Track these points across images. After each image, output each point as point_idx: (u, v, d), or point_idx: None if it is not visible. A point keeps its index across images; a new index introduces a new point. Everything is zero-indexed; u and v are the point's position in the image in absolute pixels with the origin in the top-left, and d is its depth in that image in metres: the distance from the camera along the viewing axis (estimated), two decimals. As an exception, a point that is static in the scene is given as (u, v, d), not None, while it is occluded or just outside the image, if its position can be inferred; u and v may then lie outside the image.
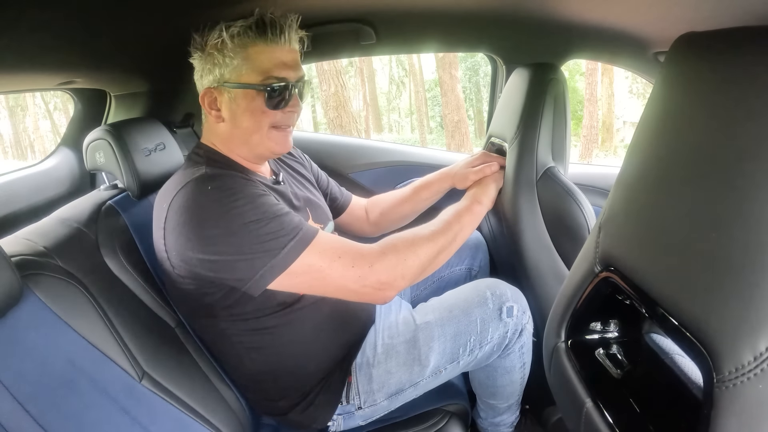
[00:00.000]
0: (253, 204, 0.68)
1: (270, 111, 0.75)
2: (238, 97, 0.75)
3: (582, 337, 0.58)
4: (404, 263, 0.75)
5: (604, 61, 1.25)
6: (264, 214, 0.68)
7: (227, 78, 0.74)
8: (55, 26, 0.67)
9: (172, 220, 0.69)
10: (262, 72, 0.73)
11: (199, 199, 0.68)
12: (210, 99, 0.77)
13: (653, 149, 0.47)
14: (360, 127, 10.19)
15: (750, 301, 0.33)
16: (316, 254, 0.69)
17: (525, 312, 0.88)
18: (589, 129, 8.83)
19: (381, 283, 0.73)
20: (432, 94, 12.78)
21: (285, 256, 0.67)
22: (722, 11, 0.61)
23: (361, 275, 0.71)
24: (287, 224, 0.69)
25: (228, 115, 0.77)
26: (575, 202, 0.89)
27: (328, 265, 0.70)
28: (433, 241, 0.80)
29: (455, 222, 0.85)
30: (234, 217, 0.66)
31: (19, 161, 13.78)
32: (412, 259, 0.76)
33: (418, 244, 0.78)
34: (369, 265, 0.72)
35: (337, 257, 0.71)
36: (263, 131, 0.77)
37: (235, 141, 0.79)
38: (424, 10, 1.01)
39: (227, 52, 0.72)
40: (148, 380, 0.69)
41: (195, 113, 1.30)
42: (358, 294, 0.73)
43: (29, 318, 0.59)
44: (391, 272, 0.73)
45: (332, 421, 0.85)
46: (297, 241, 0.68)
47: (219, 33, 0.72)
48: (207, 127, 0.82)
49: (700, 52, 0.43)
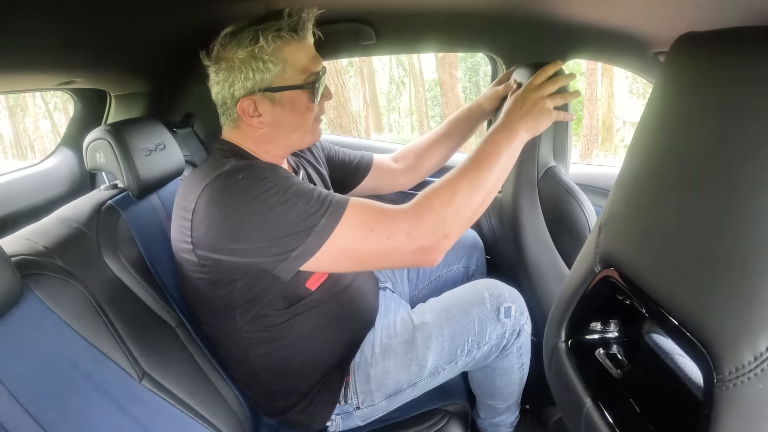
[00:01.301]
0: (281, 186, 0.67)
1: (313, 105, 0.77)
2: (284, 100, 0.74)
3: (582, 337, 0.58)
4: (444, 222, 0.70)
5: (604, 61, 1.25)
6: (293, 194, 0.67)
7: (270, 83, 0.72)
8: (55, 26, 0.67)
9: (202, 212, 0.68)
10: (303, 70, 0.73)
11: (230, 190, 0.67)
12: (249, 107, 0.74)
13: (653, 149, 0.47)
14: (360, 127, 10.19)
15: (750, 301, 0.33)
16: (347, 232, 0.67)
17: (523, 313, 0.88)
18: (589, 129, 8.82)
19: (423, 249, 0.69)
20: (432, 94, 12.78)
21: (317, 235, 0.66)
22: (722, 11, 0.61)
23: (398, 246, 0.68)
24: (316, 202, 0.67)
25: (272, 119, 0.75)
26: (576, 201, 0.89)
27: (362, 242, 0.68)
28: (473, 188, 0.72)
29: (494, 158, 0.75)
30: (264, 201, 0.66)
31: (19, 161, 13.78)
32: (452, 215, 0.70)
33: (456, 196, 0.71)
34: (405, 233, 0.68)
35: (369, 230, 0.68)
36: (308, 126, 0.78)
37: (276, 142, 0.79)
38: (424, 10, 1.01)
39: (267, 57, 0.70)
40: (148, 380, 0.69)
41: (195, 113, 1.30)
42: (402, 263, 0.71)
43: (29, 318, 0.59)
44: (431, 235, 0.69)
45: (331, 421, 0.85)
46: (328, 218, 0.66)
47: (254, 38, 0.69)
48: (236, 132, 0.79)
49: (700, 52, 0.43)
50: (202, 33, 0.82)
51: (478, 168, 0.74)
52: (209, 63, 0.74)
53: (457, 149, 1.13)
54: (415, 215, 0.69)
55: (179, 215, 0.73)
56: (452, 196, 0.71)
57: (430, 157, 1.11)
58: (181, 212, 0.72)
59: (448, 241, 0.71)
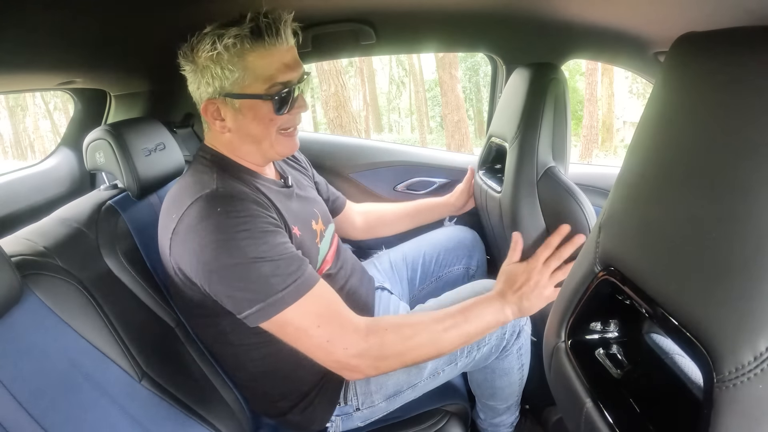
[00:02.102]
0: (255, 240, 0.66)
1: (278, 117, 0.74)
2: (244, 108, 0.72)
3: (582, 337, 0.58)
4: (383, 360, 0.71)
5: (604, 61, 1.25)
6: (263, 254, 0.66)
7: (229, 90, 0.71)
8: (55, 26, 0.67)
9: (180, 234, 0.68)
10: (266, 79, 0.71)
11: (205, 222, 0.66)
12: (213, 110, 0.74)
13: (653, 149, 0.47)
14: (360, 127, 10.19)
15: (750, 301, 0.33)
16: (298, 315, 0.67)
17: (523, 314, 0.88)
18: (589, 129, 8.82)
19: (350, 367, 0.70)
20: (432, 94, 12.78)
21: (270, 306, 0.66)
22: (722, 11, 0.61)
23: (332, 352, 0.69)
24: (284, 270, 0.66)
25: (234, 126, 0.75)
26: (576, 201, 0.89)
27: (305, 330, 0.68)
28: (430, 346, 0.73)
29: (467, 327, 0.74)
30: (234, 250, 0.65)
31: (19, 161, 13.78)
32: (395, 357, 0.71)
33: (410, 342, 0.71)
34: (344, 348, 0.68)
35: (316, 326, 0.68)
36: (272, 137, 0.76)
37: (243, 148, 0.78)
38: (424, 10, 1.01)
39: (225, 63, 0.69)
40: (148, 380, 0.69)
41: (195, 113, 1.30)
42: (324, 363, 0.71)
43: (29, 318, 0.59)
44: (365, 362, 0.70)
45: (331, 422, 0.85)
46: (288, 293, 0.66)
47: (212, 44, 0.68)
48: (210, 135, 0.80)
49: (700, 52, 0.43)
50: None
51: (448, 327, 0.73)
52: (183, 62, 0.74)
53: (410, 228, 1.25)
54: (363, 338, 0.69)
55: (163, 227, 0.73)
56: (407, 342, 0.71)
57: (387, 227, 1.22)
58: (163, 228, 0.72)
59: (374, 373, 0.72)
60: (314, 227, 0.87)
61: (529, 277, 0.79)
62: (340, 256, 0.96)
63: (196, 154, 0.81)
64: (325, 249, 0.90)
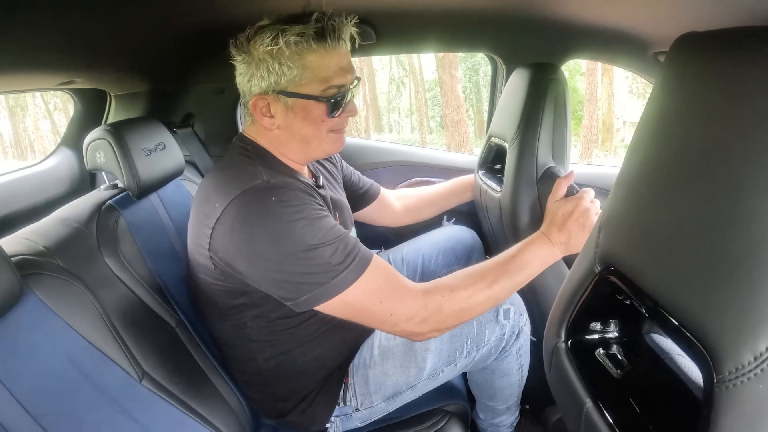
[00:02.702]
0: (312, 226, 0.66)
1: (329, 119, 0.74)
2: (297, 107, 0.72)
3: (582, 337, 0.58)
4: (442, 322, 0.72)
5: (604, 61, 1.25)
6: (322, 239, 0.66)
7: (284, 87, 0.70)
8: (55, 26, 0.67)
9: (226, 225, 0.66)
10: (323, 81, 0.70)
11: (260, 213, 0.65)
12: (262, 106, 0.72)
13: (653, 149, 0.47)
14: (360, 127, 10.19)
15: (750, 301, 0.33)
16: (360, 293, 0.68)
17: (522, 314, 0.88)
18: (589, 129, 8.83)
19: (414, 334, 0.72)
20: (432, 94, 12.78)
21: (332, 287, 0.66)
22: (722, 11, 0.61)
23: (396, 323, 0.70)
24: (341, 252, 0.67)
25: (284, 123, 0.74)
26: (575, 202, 0.88)
27: (368, 307, 0.69)
28: (484, 301, 0.74)
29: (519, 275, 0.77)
30: (292, 237, 0.65)
31: (19, 161, 13.78)
32: (453, 318, 0.73)
33: (466, 303, 0.73)
34: (407, 318, 0.70)
35: (378, 301, 0.69)
36: (322, 137, 0.76)
37: (289, 146, 0.77)
38: (424, 10, 1.01)
39: (284, 60, 0.68)
40: (148, 380, 0.69)
41: (195, 113, 1.30)
42: (390, 332, 0.74)
43: (29, 318, 0.59)
44: (427, 327, 0.71)
45: (330, 423, 0.85)
46: (348, 273, 0.66)
47: (273, 39, 0.66)
48: (253, 128, 0.78)
49: (700, 52, 0.43)
50: (203, 34, 0.82)
51: (500, 281, 0.75)
52: (234, 52, 0.72)
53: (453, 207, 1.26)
54: (422, 306, 0.70)
55: (200, 219, 0.71)
56: (463, 303, 0.72)
57: (429, 209, 1.22)
58: (202, 216, 0.70)
59: (437, 335, 0.75)
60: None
61: (578, 218, 0.79)
62: None
63: (234, 144, 0.79)
64: None
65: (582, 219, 0.79)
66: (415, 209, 1.20)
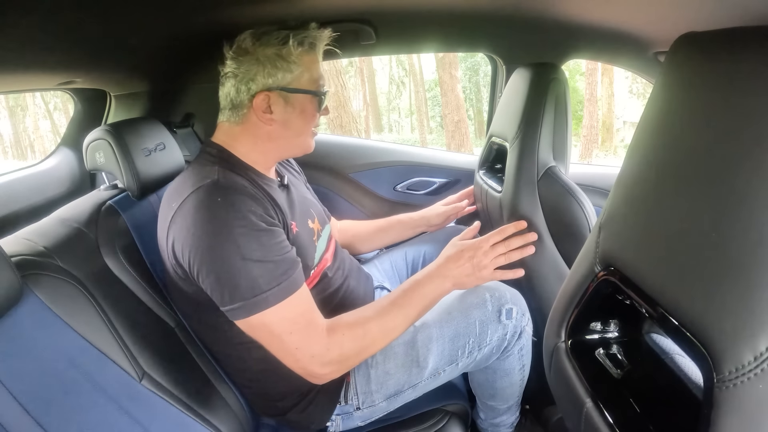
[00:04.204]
0: (248, 238, 0.68)
1: (316, 115, 0.82)
2: (296, 102, 0.78)
3: (582, 337, 0.58)
4: (343, 363, 0.75)
5: (604, 61, 1.25)
6: (252, 254, 0.67)
7: (288, 83, 0.77)
8: (55, 26, 0.67)
9: (177, 223, 0.69)
10: (315, 80, 0.80)
11: (205, 211, 0.68)
12: (263, 101, 0.77)
13: (653, 149, 0.47)
14: (360, 127, 10.19)
15: (750, 301, 0.33)
16: (274, 319, 0.69)
17: (524, 314, 0.88)
18: (589, 129, 8.82)
19: (314, 374, 0.74)
20: (432, 94, 12.77)
21: (252, 304, 0.67)
22: (722, 11, 0.61)
23: (299, 359, 0.72)
24: (270, 274, 0.68)
25: (281, 119, 0.79)
26: (576, 201, 0.89)
27: (277, 336, 0.70)
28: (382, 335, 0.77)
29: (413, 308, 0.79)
30: (227, 243, 0.66)
31: (19, 161, 13.78)
32: (353, 357, 0.76)
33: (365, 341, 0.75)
34: (311, 355, 0.72)
35: (289, 333, 0.70)
36: (308, 133, 0.83)
37: (278, 142, 0.81)
38: (424, 10, 1.01)
39: (292, 59, 0.76)
40: (148, 380, 0.69)
41: (195, 113, 1.30)
42: (291, 367, 0.74)
43: (29, 318, 0.59)
44: (327, 368, 0.73)
45: (331, 422, 0.85)
46: (270, 295, 0.68)
47: (284, 39, 0.75)
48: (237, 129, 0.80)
49: (700, 52, 0.43)
50: (203, 34, 0.82)
51: (394, 315, 0.78)
52: (230, 54, 0.77)
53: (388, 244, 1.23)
54: (326, 346, 0.73)
55: (162, 220, 0.74)
56: (361, 340, 0.75)
57: (362, 244, 1.21)
58: (163, 218, 0.74)
59: (335, 375, 0.76)
60: (311, 226, 0.88)
61: (474, 255, 0.82)
62: (338, 255, 0.97)
63: (201, 149, 0.83)
64: (322, 247, 0.90)
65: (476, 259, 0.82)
66: (350, 244, 1.20)
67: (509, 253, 0.84)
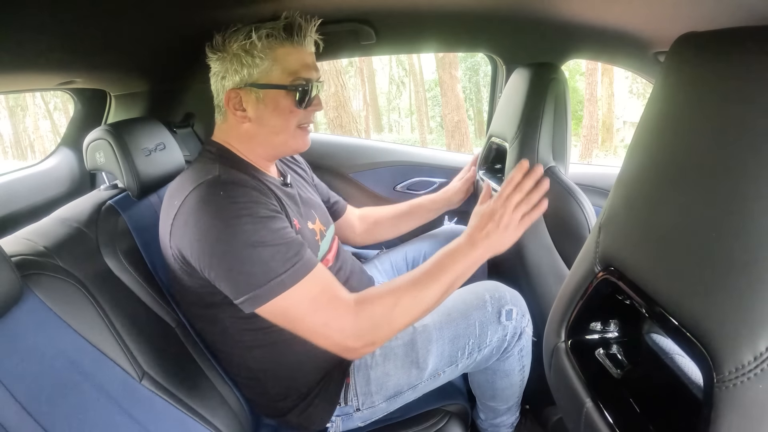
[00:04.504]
0: (255, 225, 0.67)
1: (297, 110, 0.78)
2: (267, 98, 0.76)
3: (582, 337, 0.58)
4: (376, 333, 0.72)
5: (604, 61, 1.25)
6: (262, 239, 0.67)
7: (256, 79, 0.75)
8: (55, 26, 0.67)
9: (181, 219, 0.69)
10: (291, 73, 0.76)
11: (208, 206, 0.67)
12: (235, 100, 0.77)
13: (653, 149, 0.47)
14: (360, 127, 10.19)
15: (750, 301, 0.33)
16: (295, 301, 0.68)
17: (524, 315, 0.88)
18: (589, 129, 8.83)
19: (347, 348, 0.72)
20: (432, 94, 12.78)
21: (269, 290, 0.66)
22: (722, 11, 0.61)
23: (329, 336, 0.70)
24: (282, 256, 0.67)
25: (254, 116, 0.77)
26: (576, 201, 0.89)
27: (303, 316, 0.69)
28: (414, 304, 0.74)
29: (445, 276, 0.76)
30: (235, 235, 0.66)
31: (19, 161, 13.78)
32: (387, 327, 0.73)
33: (396, 310, 0.72)
34: (340, 330, 0.70)
35: (313, 311, 0.69)
36: (290, 131, 0.80)
37: (258, 140, 0.80)
38: (424, 10, 1.01)
39: (257, 53, 0.74)
40: (148, 380, 0.69)
41: (195, 113, 1.30)
42: (323, 346, 0.72)
43: (29, 318, 0.59)
44: (360, 340, 0.71)
45: (331, 423, 0.85)
46: (288, 276, 0.67)
47: (248, 34, 0.73)
48: (224, 127, 0.82)
49: (700, 52, 0.43)
50: (203, 33, 0.82)
51: (427, 284, 0.75)
52: (210, 54, 0.78)
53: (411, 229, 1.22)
54: (355, 317, 0.70)
55: (164, 218, 0.74)
56: (392, 309, 0.72)
57: (386, 230, 1.20)
58: (165, 216, 0.73)
59: (371, 348, 0.74)
60: (312, 227, 0.87)
61: (494, 214, 0.80)
62: (340, 256, 0.96)
63: (202, 148, 0.83)
64: (325, 248, 0.90)
65: (497, 217, 0.79)
66: (372, 231, 1.19)
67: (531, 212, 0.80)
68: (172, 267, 0.75)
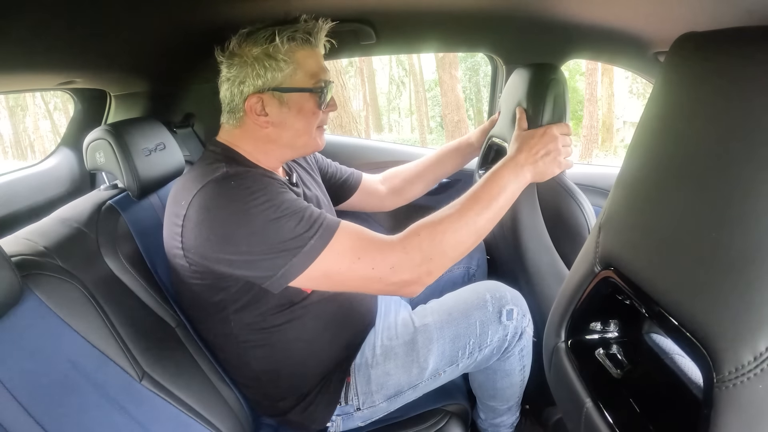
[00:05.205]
0: (273, 201, 0.67)
1: (318, 112, 0.78)
2: (291, 101, 0.75)
3: (582, 337, 0.58)
4: (429, 261, 0.70)
5: (604, 61, 1.25)
6: (284, 211, 0.67)
7: (280, 83, 0.73)
8: (55, 26, 0.67)
9: (192, 219, 0.68)
10: (312, 75, 0.75)
11: (221, 198, 0.67)
12: (256, 105, 0.75)
13: (653, 149, 0.47)
14: (360, 127, 10.19)
15: (750, 301, 0.33)
16: (334, 256, 0.67)
17: (525, 315, 0.88)
18: (589, 129, 8.82)
19: (405, 282, 0.70)
20: (432, 94, 12.78)
21: (304, 256, 0.66)
22: (722, 11, 0.61)
23: (382, 277, 0.69)
24: (306, 222, 0.67)
25: (278, 120, 0.76)
26: (575, 201, 0.89)
27: (348, 268, 0.68)
28: (465, 230, 0.72)
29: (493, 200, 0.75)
30: (255, 215, 0.66)
31: (19, 161, 13.77)
32: (439, 254, 0.71)
33: (446, 236, 0.71)
34: (390, 266, 0.68)
35: (356, 258, 0.68)
36: (311, 132, 0.79)
37: (279, 144, 0.79)
38: (424, 10, 1.01)
39: (281, 57, 0.72)
40: (148, 380, 0.69)
41: (195, 113, 1.30)
42: (383, 292, 0.72)
43: (29, 318, 0.59)
44: (415, 271, 0.70)
45: (331, 422, 0.85)
46: (317, 240, 0.66)
47: (270, 37, 0.71)
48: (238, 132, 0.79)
49: (700, 52, 0.43)
50: (203, 34, 0.82)
51: (475, 208, 0.74)
52: (222, 58, 0.75)
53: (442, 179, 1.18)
54: (402, 250, 0.69)
55: (171, 220, 0.72)
56: (442, 236, 0.71)
57: (416, 184, 1.15)
58: (172, 217, 0.72)
59: (431, 278, 0.72)
60: None
61: (544, 142, 0.81)
62: None
63: (205, 149, 0.81)
64: None
65: (549, 143, 0.81)
66: (402, 188, 1.15)
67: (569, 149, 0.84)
68: (178, 269, 0.74)
